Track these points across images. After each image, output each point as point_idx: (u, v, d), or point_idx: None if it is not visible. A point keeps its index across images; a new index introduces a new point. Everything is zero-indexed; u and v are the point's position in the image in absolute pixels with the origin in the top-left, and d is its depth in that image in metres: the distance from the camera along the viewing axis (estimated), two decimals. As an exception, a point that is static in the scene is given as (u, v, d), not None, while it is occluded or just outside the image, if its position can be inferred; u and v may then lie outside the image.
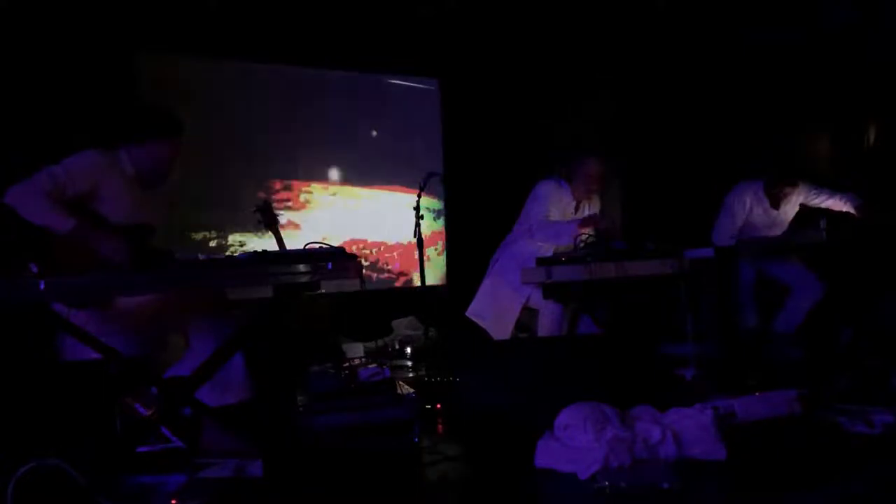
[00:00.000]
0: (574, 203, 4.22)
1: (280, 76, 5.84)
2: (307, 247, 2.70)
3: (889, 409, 2.94)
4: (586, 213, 4.27)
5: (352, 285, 5.78)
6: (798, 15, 5.50)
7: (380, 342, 5.54)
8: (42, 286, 2.27)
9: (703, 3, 5.83)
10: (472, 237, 5.77)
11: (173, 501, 2.50)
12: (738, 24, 5.82)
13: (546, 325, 3.85)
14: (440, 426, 3.47)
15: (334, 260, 2.61)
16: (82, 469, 2.43)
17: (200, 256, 2.68)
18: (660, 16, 5.93)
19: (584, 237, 3.84)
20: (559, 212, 4.16)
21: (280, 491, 2.65)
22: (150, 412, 2.91)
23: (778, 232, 4.59)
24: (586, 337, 3.77)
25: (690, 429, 2.68)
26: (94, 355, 2.72)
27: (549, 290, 3.66)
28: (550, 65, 6.34)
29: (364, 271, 2.94)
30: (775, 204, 4.66)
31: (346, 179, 6.14)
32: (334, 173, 6.09)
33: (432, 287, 6.12)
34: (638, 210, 6.41)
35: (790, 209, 4.70)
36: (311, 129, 5.96)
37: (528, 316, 4.01)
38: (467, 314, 4.20)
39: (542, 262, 3.60)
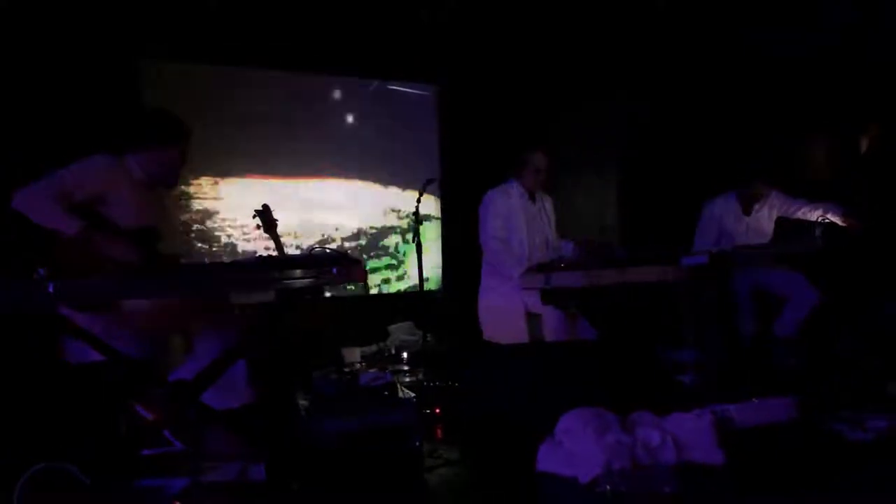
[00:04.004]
0: (527, 194, 4.38)
1: (279, 81, 5.85)
2: (312, 251, 2.72)
3: (885, 415, 2.98)
4: (541, 203, 4.44)
5: (349, 290, 5.87)
6: (798, 15, 5.53)
7: (375, 347, 5.55)
8: (51, 289, 2.27)
9: (703, 4, 5.87)
10: (468, 242, 5.78)
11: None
12: (738, 24, 5.85)
13: (552, 328, 3.90)
14: (440, 431, 3.49)
15: (339, 264, 2.62)
16: (86, 471, 2.43)
17: (206, 260, 2.69)
18: (660, 18, 5.96)
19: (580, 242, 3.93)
20: (512, 210, 4.30)
21: (283, 494, 2.66)
22: (153, 415, 2.92)
23: (754, 241, 4.64)
24: (585, 342, 3.79)
25: (690, 434, 2.71)
26: (98, 358, 2.73)
27: (548, 296, 3.70)
28: (548, 69, 6.36)
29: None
30: (747, 210, 4.71)
31: (343, 183, 6.16)
32: (332, 177, 6.09)
33: (429, 292, 6.14)
34: (635, 216, 6.44)
35: (763, 218, 4.73)
36: (309, 132, 5.97)
37: (533, 321, 4.04)
38: (486, 338, 4.29)
39: (542, 268, 3.65)
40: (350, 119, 6.17)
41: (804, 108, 5.80)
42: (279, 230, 3.72)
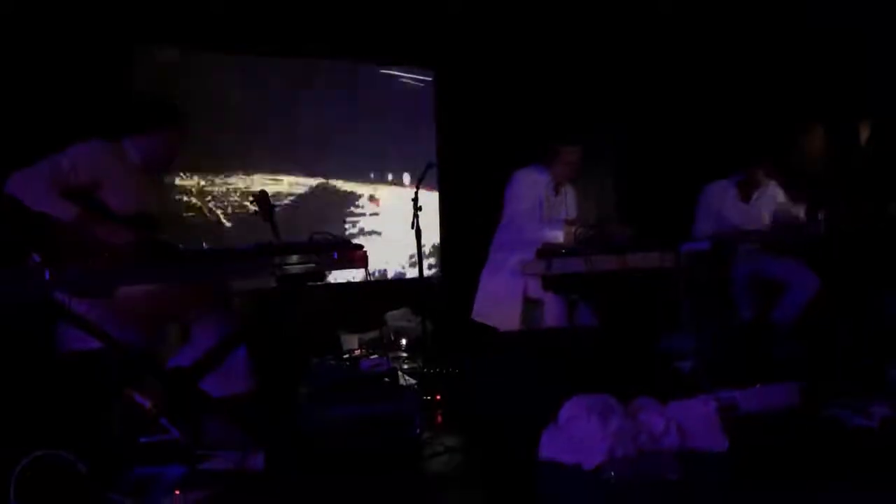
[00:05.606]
0: (553, 184, 4.35)
1: (273, 67, 5.79)
2: (313, 237, 2.69)
3: (887, 402, 2.98)
4: (563, 195, 4.42)
5: (344, 276, 5.85)
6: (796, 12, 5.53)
7: (376, 333, 5.52)
8: (47, 276, 2.24)
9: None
10: (466, 228, 5.77)
11: (177, 492, 2.49)
12: (737, 20, 5.84)
13: (553, 315, 3.88)
14: (441, 418, 3.48)
15: (340, 250, 2.59)
16: (83, 459, 2.41)
17: (204, 245, 2.65)
18: (659, 8, 5.94)
19: (580, 231, 3.92)
20: (539, 196, 4.27)
21: (281, 483, 2.65)
22: (151, 403, 2.89)
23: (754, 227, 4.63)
24: (586, 329, 3.78)
25: (693, 420, 2.70)
26: (94, 345, 2.70)
27: (549, 282, 3.68)
28: (547, 56, 6.32)
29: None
30: (745, 197, 4.69)
31: (339, 170, 6.12)
32: (328, 164, 6.05)
33: (426, 279, 6.10)
34: (635, 203, 6.43)
35: (763, 206, 4.70)
36: (305, 119, 5.92)
37: (534, 307, 4.03)
38: (473, 317, 4.27)
39: (542, 253, 3.63)
40: (346, 105, 6.11)
41: (802, 105, 5.79)
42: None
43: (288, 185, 5.86)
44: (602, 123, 6.42)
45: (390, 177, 6.33)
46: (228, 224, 5.56)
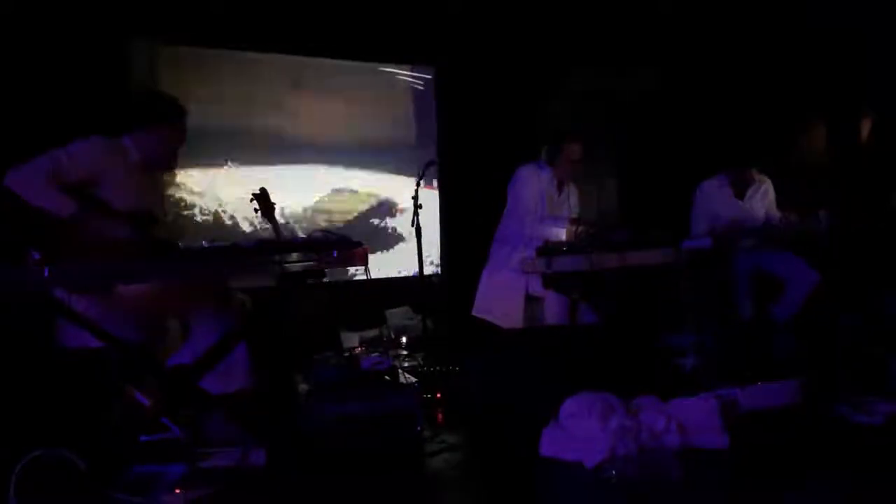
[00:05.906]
0: (556, 182, 4.35)
1: (272, 64, 5.79)
2: (312, 235, 2.69)
3: (890, 399, 2.97)
4: (566, 194, 4.41)
5: (344, 274, 5.84)
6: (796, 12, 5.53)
7: (376, 332, 5.51)
8: (46, 273, 2.23)
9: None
10: (467, 226, 5.76)
11: (177, 490, 2.49)
12: (737, 19, 5.84)
13: (553, 312, 3.87)
14: (441, 416, 3.47)
15: (340, 248, 2.59)
16: (84, 458, 2.40)
17: (204, 244, 2.64)
18: (659, 8, 5.94)
19: (581, 230, 3.92)
20: (541, 193, 4.27)
21: (282, 481, 2.64)
22: (150, 401, 2.89)
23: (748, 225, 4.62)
24: (587, 327, 3.77)
25: (694, 418, 2.70)
26: (94, 343, 2.69)
27: (550, 281, 3.67)
28: (547, 55, 6.32)
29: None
30: (739, 194, 4.68)
31: (339, 168, 6.12)
32: (328, 161, 6.05)
33: (427, 276, 6.09)
34: (635, 203, 6.42)
35: (756, 205, 4.68)
36: (304, 116, 5.92)
37: (534, 305, 4.02)
38: (474, 313, 4.24)
39: (542, 252, 3.62)
40: (347, 103, 6.10)
41: (805, 98, 5.78)
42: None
43: (290, 184, 5.86)
44: (602, 123, 6.41)
45: (392, 175, 6.32)
46: (229, 222, 5.56)
